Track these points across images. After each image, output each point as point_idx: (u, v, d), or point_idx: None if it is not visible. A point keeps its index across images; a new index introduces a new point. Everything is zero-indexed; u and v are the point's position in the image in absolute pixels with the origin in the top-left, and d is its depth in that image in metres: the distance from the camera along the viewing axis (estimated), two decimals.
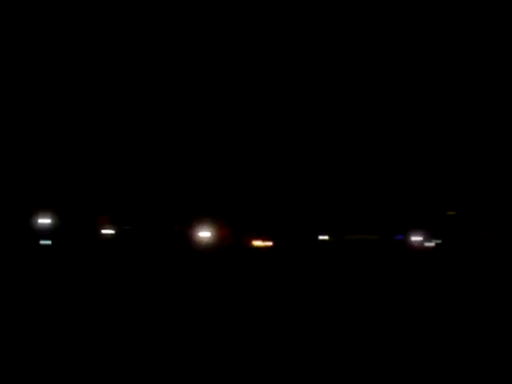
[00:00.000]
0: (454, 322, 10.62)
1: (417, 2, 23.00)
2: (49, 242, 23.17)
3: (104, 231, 23.41)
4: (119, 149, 23.92)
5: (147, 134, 24.06)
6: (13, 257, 21.95)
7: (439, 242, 26.23)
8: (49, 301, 12.56)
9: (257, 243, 24.97)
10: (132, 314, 11.02)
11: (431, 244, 25.99)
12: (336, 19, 22.86)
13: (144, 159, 24.08)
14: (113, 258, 22.68)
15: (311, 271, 21.08)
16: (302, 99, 24.49)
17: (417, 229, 26.20)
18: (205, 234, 23.99)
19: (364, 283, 17.40)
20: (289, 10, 22.67)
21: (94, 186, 23.81)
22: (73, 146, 23.60)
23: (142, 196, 24.00)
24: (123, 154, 23.94)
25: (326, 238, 26.06)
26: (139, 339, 8.56)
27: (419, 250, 25.91)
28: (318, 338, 8.89)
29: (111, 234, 23.46)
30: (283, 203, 25.84)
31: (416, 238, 25.85)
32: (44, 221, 23.41)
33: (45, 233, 23.46)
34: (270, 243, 25.37)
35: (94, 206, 23.63)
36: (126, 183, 23.99)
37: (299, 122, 24.91)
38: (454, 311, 11.92)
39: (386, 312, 11.68)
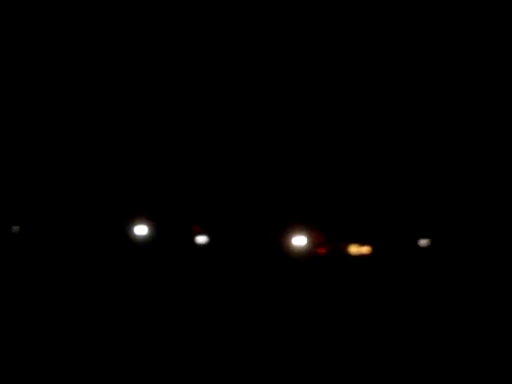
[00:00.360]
0: None
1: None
2: (144, 251, 23.57)
3: (198, 239, 23.58)
4: (211, 157, 24.03)
5: (239, 140, 24.06)
6: (111, 266, 22.39)
7: None
8: (145, 309, 12.62)
9: (354, 250, 24.42)
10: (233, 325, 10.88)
11: None
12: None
13: (237, 166, 24.10)
14: (207, 267, 22.79)
15: (415, 281, 20.42)
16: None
17: None
18: (299, 240, 23.73)
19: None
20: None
21: (187, 194, 24.04)
22: (162, 157, 23.90)
23: (236, 203, 24.03)
24: (216, 163, 24.02)
25: (425, 242, 25.22)
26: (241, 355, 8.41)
27: None
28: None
29: (205, 243, 23.61)
30: (383, 205, 25.24)
31: None
32: (140, 230, 23.82)
33: (141, 242, 23.85)
34: (368, 249, 24.77)
35: (188, 215, 23.84)
36: (220, 191, 24.08)
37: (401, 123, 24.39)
38: None
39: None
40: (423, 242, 25.37)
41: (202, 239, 23.61)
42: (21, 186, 24.75)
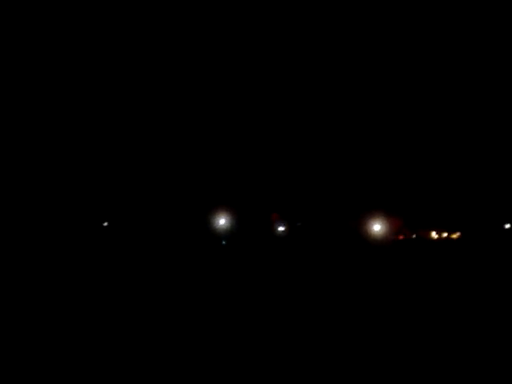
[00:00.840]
0: None
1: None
2: (225, 242, 24.05)
3: (277, 228, 23.90)
4: (287, 149, 24.33)
5: (317, 135, 24.29)
6: (197, 258, 23.00)
7: None
8: (225, 298, 13.05)
9: (434, 235, 24.23)
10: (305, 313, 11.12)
11: None
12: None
13: (312, 157, 24.31)
14: (286, 254, 23.07)
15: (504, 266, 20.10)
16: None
17: None
18: (376, 227, 23.73)
19: None
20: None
21: (264, 184, 24.37)
22: (242, 150, 24.33)
23: (313, 193, 24.19)
24: (295, 156, 24.32)
25: (508, 226, 24.78)
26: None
27: None
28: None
29: (284, 231, 23.90)
30: (465, 190, 24.88)
31: None
32: (222, 222, 24.39)
33: (223, 233, 24.39)
34: (446, 235, 24.52)
35: (267, 204, 24.18)
36: (297, 182, 24.32)
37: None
38: None
39: None
40: (507, 227, 24.89)
41: (281, 228, 23.94)
42: (110, 186, 25.72)
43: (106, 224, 26.46)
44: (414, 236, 24.42)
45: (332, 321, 10.02)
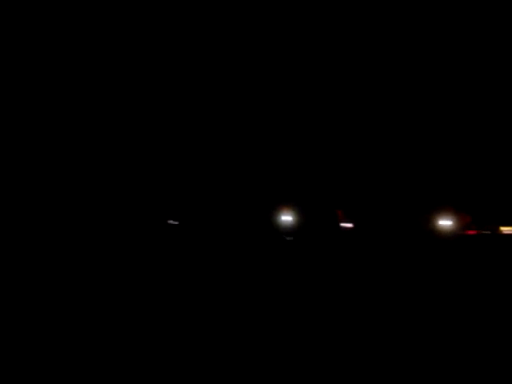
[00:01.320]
0: None
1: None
2: (291, 238, 24.00)
3: (342, 225, 23.77)
4: (355, 149, 24.18)
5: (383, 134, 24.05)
6: (261, 253, 23.03)
7: None
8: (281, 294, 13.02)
9: (506, 229, 23.65)
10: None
11: None
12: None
13: (383, 155, 24.12)
14: (352, 251, 22.93)
15: None
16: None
17: None
18: (446, 221, 23.38)
19: None
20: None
21: (329, 181, 24.29)
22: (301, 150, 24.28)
23: (380, 188, 24.01)
24: (359, 153, 24.15)
25: None
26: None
27: None
28: None
29: (348, 228, 23.76)
30: None
31: None
32: (286, 218, 24.34)
33: (287, 229, 24.35)
34: None
35: (333, 201, 24.08)
36: (359, 177, 24.18)
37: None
38: None
39: None
40: None
41: (345, 224, 23.81)
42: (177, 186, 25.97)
43: (171, 222, 26.64)
44: (484, 232, 23.91)
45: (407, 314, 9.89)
